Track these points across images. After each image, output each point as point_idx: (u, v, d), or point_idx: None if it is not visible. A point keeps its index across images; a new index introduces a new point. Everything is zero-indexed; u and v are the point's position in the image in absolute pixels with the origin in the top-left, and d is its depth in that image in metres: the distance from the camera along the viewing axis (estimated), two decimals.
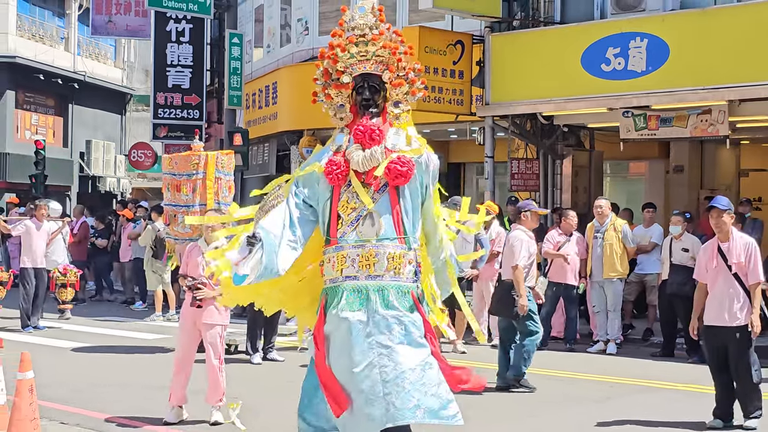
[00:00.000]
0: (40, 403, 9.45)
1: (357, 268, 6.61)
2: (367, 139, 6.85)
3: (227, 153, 14.70)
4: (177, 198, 14.17)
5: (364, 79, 6.99)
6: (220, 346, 10.19)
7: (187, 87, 28.54)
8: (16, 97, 37.51)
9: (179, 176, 14.24)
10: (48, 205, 19.05)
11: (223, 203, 13.98)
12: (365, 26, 6.94)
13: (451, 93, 18.47)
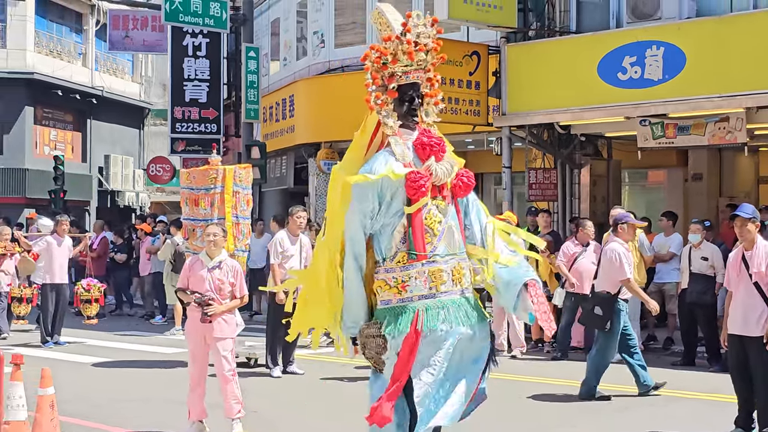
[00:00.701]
0: (61, 419, 9.49)
1: (452, 283, 6.58)
2: (439, 151, 6.85)
3: (245, 167, 14.70)
4: (195, 212, 14.17)
5: (412, 87, 6.95)
6: (231, 358, 10.19)
7: (205, 101, 28.64)
8: (35, 113, 37.66)
9: (197, 191, 14.25)
10: (39, 221, 19.15)
11: (241, 217, 14.00)
12: (427, 36, 6.92)
13: (467, 104, 18.47)
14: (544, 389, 12.97)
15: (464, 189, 6.84)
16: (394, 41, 6.87)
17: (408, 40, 6.85)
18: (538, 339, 16.62)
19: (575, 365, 14.85)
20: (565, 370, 14.45)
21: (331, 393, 12.79)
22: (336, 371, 14.10)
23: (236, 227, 13.97)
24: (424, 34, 6.89)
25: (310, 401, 12.27)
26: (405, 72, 6.92)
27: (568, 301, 15.52)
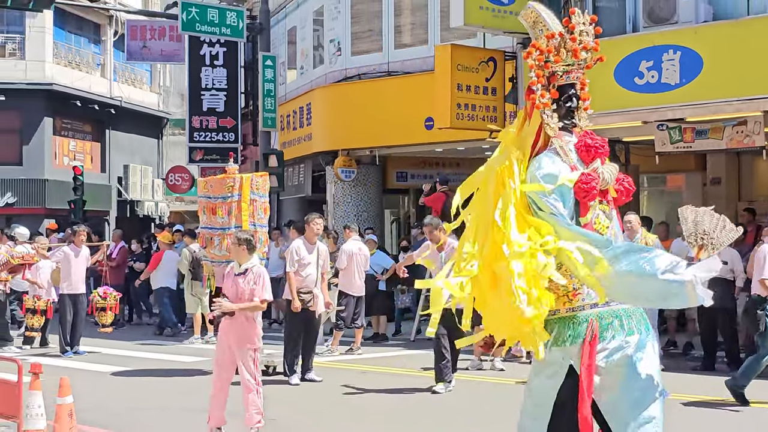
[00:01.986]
0: (80, 428, 9.52)
1: None
2: (603, 153, 6.50)
3: (262, 175, 14.72)
4: (213, 221, 14.19)
5: (572, 87, 6.66)
6: (254, 368, 10.18)
7: (222, 110, 28.73)
8: (54, 124, 37.84)
9: (215, 199, 14.27)
10: (15, 230, 19.22)
11: (258, 225, 14.01)
12: (588, 34, 6.61)
13: (484, 110, 18.46)
14: None
15: (626, 195, 6.44)
16: (557, 38, 6.53)
17: (573, 37, 6.55)
18: None
19: None
20: None
21: (349, 400, 12.77)
22: (354, 379, 14.10)
23: (254, 235, 13.97)
24: (585, 33, 6.60)
25: (329, 408, 12.26)
26: (566, 71, 6.60)
27: None
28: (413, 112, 20.88)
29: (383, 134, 22.03)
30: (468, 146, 21.82)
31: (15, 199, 36.04)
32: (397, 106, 21.48)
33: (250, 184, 13.99)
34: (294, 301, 13.69)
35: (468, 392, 13.26)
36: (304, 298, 13.85)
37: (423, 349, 17.47)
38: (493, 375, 14.54)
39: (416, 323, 18.91)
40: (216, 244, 14.30)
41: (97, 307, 17.67)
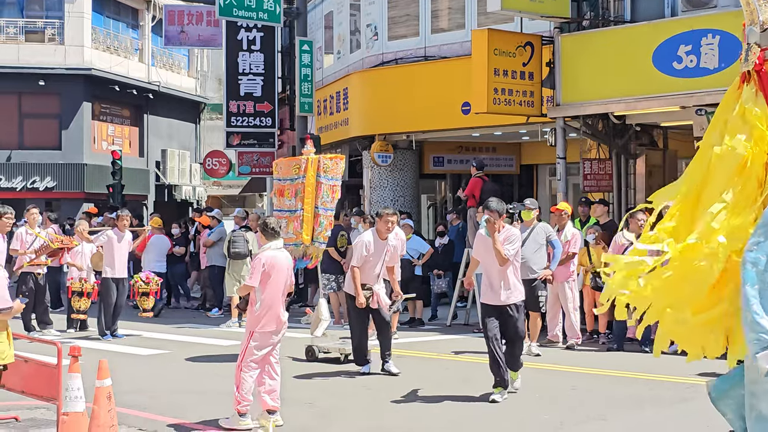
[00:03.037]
0: (119, 410, 9.60)
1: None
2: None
3: (332, 157, 14.48)
4: (281, 203, 14.17)
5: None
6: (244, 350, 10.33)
7: (259, 95, 28.73)
8: (93, 109, 38.12)
9: (283, 181, 14.23)
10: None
11: (322, 208, 13.91)
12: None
13: (521, 95, 18.39)
14: (598, 381, 12.92)
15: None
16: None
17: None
18: (594, 330, 16.54)
19: (630, 356, 14.78)
20: (620, 361, 14.37)
21: (383, 384, 12.78)
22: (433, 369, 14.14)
23: (316, 219, 13.91)
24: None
25: (362, 391, 12.29)
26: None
27: None
28: (450, 96, 20.86)
29: (420, 119, 22.02)
30: (505, 131, 21.78)
31: (54, 183, 36.35)
32: (433, 91, 21.46)
33: (316, 166, 13.89)
34: (359, 297, 13.14)
35: None
36: (365, 294, 13.22)
37: (459, 334, 17.52)
38: (529, 360, 14.53)
39: (452, 308, 18.93)
40: (283, 227, 14.24)
41: (139, 292, 17.76)
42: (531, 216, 15.15)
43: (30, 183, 36.25)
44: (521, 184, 25.59)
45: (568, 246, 15.77)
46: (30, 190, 36.03)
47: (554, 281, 15.66)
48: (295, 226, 14.05)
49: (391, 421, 10.51)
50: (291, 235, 14.10)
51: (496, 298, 11.56)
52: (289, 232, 14.04)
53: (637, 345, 15.36)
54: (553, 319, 16.01)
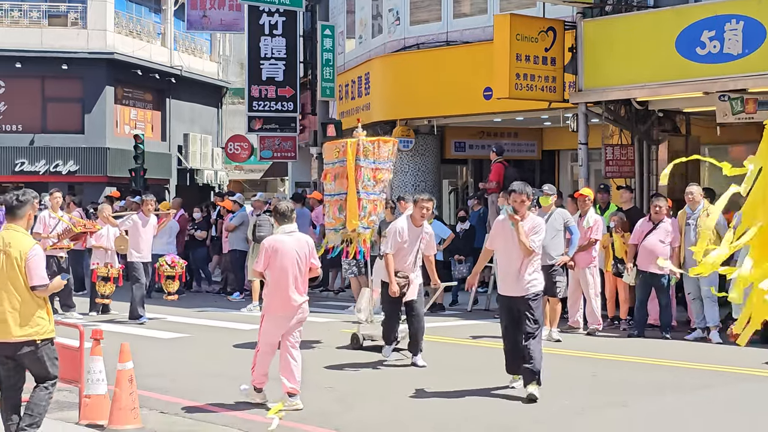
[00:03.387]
0: (140, 393, 9.67)
1: None
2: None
3: (375, 140, 14.10)
4: (326, 188, 14.16)
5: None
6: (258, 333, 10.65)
7: (281, 79, 28.83)
8: (115, 93, 38.24)
9: (327, 165, 14.22)
10: None
11: (364, 192, 13.66)
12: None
13: (543, 80, 18.33)
14: (618, 367, 12.90)
15: None
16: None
17: None
18: (614, 316, 16.51)
19: (651, 343, 14.75)
20: (641, 347, 14.35)
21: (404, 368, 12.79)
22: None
23: (358, 203, 13.60)
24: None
25: (383, 376, 12.31)
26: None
27: (638, 278, 15.43)
28: (472, 82, 20.81)
29: (441, 104, 21.99)
30: (527, 116, 21.72)
31: (77, 167, 36.51)
32: (455, 76, 21.41)
33: (355, 150, 13.69)
34: (392, 285, 12.69)
35: None
36: (399, 282, 12.75)
37: (479, 319, 17.53)
38: (549, 345, 14.52)
39: (473, 294, 18.93)
40: (327, 211, 14.22)
41: (165, 275, 17.79)
42: (549, 202, 15.18)
43: (53, 167, 36.42)
44: (543, 169, 25.51)
45: (590, 232, 15.73)
46: (53, 173, 36.20)
47: (576, 267, 15.67)
48: (334, 211, 13.97)
49: (407, 407, 10.51)
50: (330, 220, 14.03)
51: (514, 289, 10.94)
52: (330, 217, 13.96)
53: (658, 331, 15.34)
54: (574, 305, 15.99)
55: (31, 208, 8.57)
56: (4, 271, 8.12)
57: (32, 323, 8.10)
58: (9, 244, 8.17)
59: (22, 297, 8.10)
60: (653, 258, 15.08)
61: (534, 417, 10.01)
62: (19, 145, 36.55)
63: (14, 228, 8.35)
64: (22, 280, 8.12)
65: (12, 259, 8.13)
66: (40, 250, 8.32)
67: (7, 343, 8.10)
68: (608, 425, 9.70)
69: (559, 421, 9.88)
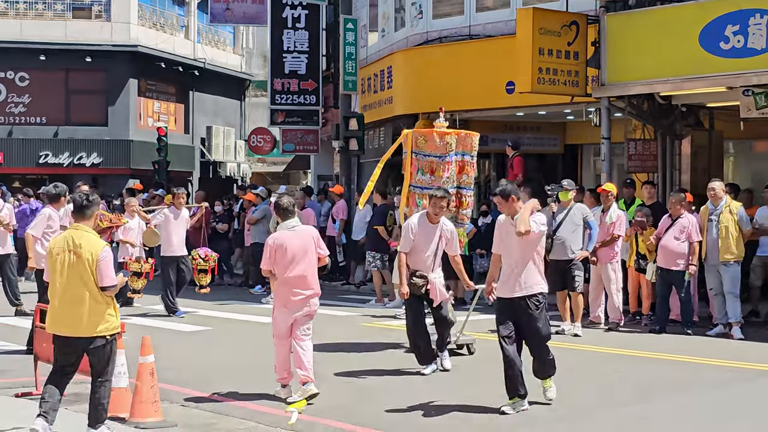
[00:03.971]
0: (161, 386, 9.70)
1: None
2: None
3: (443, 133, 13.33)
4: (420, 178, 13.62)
5: None
6: None
7: (304, 72, 28.87)
8: (139, 86, 38.33)
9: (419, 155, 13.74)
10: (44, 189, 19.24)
11: (417, 187, 13.11)
12: None
13: (566, 74, 18.27)
14: (640, 363, 12.87)
15: None
16: None
17: None
18: (636, 312, 16.47)
19: (672, 338, 14.71)
20: (662, 343, 14.30)
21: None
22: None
23: (411, 198, 13.13)
24: None
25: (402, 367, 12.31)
26: None
27: (657, 274, 15.38)
28: (494, 75, 20.76)
29: (464, 98, 21.93)
30: (549, 111, 21.67)
31: (101, 159, 36.65)
32: (478, 69, 21.36)
33: (411, 141, 13.18)
34: (402, 286, 11.95)
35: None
36: (416, 281, 11.88)
37: None
38: (569, 340, 14.51)
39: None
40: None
41: (198, 269, 17.73)
42: (568, 197, 15.19)
43: (77, 159, 36.55)
44: (565, 164, 25.44)
45: (612, 228, 15.70)
46: (76, 166, 36.33)
47: (597, 263, 15.65)
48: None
49: (426, 401, 10.49)
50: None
51: (511, 289, 10.16)
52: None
53: (680, 327, 15.29)
54: (595, 300, 15.97)
55: (98, 208, 8.91)
56: (76, 270, 8.51)
57: (103, 320, 8.53)
58: (80, 245, 8.54)
59: (93, 295, 8.49)
60: (669, 254, 15.07)
61: (554, 412, 9.99)
62: (43, 138, 36.71)
63: (83, 228, 8.70)
64: (93, 279, 8.49)
65: (83, 260, 8.49)
66: (110, 252, 8.69)
67: (81, 338, 8.53)
68: (629, 421, 9.68)
69: (579, 416, 9.86)
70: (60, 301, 8.61)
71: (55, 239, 8.98)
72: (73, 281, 8.51)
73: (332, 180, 29.94)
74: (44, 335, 10.60)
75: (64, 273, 8.56)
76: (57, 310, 8.65)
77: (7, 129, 36.81)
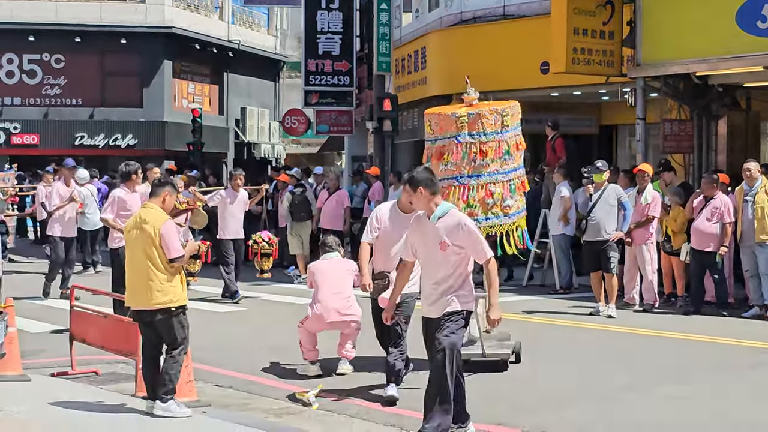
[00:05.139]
0: (195, 366, 9.76)
1: None
2: None
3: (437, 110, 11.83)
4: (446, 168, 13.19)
5: None
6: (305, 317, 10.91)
7: (338, 53, 28.86)
8: (173, 67, 38.47)
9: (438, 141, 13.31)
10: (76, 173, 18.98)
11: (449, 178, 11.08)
12: None
13: (601, 54, 18.18)
14: (674, 344, 12.81)
15: None
16: None
17: None
18: (671, 293, 16.37)
19: (707, 320, 14.61)
20: (697, 324, 14.21)
21: None
22: None
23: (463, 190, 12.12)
24: None
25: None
26: None
27: (691, 256, 15.26)
28: (529, 56, 20.66)
29: (498, 78, 21.82)
30: (584, 91, 21.54)
31: (136, 140, 36.84)
32: (512, 50, 21.27)
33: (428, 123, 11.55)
34: (363, 277, 10.00)
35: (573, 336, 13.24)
36: (378, 283, 9.85)
37: (534, 295, 17.46)
38: (601, 321, 14.46)
39: (528, 269, 18.84)
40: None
41: (262, 252, 17.49)
42: (603, 178, 15.17)
43: (112, 140, 36.78)
44: (600, 144, 25.31)
45: (647, 209, 15.60)
46: (112, 147, 36.58)
47: (633, 243, 15.58)
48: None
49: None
50: None
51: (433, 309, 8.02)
52: None
53: (715, 308, 15.18)
54: (630, 281, 15.88)
55: (168, 189, 9.25)
56: (141, 245, 8.90)
57: (167, 291, 8.83)
58: (145, 221, 8.94)
59: (157, 268, 8.83)
60: (702, 236, 14.96)
61: (588, 394, 9.97)
62: (79, 119, 36.94)
63: (150, 206, 9.15)
64: (156, 252, 8.84)
65: (147, 234, 8.87)
66: (171, 224, 9.05)
67: (146, 310, 8.88)
68: (663, 403, 9.63)
69: (613, 398, 9.83)
70: (130, 276, 9.08)
71: (130, 218, 9.52)
72: (139, 256, 8.91)
73: (366, 161, 29.92)
74: (80, 315, 10.72)
75: (133, 248, 9.02)
76: (129, 284, 9.12)
77: (43, 111, 37.10)
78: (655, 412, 9.24)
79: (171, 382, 8.83)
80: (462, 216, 8.21)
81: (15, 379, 10.00)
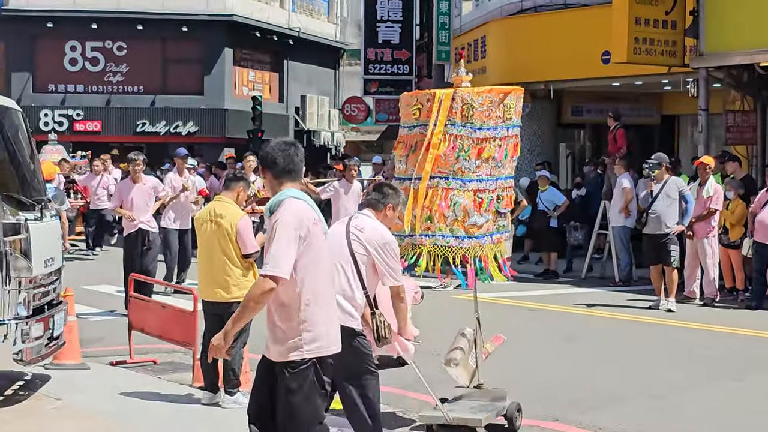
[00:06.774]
0: (251, 357, 9.79)
1: None
2: None
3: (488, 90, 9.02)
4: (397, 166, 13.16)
5: None
6: None
7: (397, 42, 28.84)
8: (234, 55, 38.64)
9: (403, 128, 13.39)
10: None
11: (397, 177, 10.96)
12: None
13: (663, 44, 17.98)
14: (734, 340, 12.65)
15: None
16: None
17: None
18: (732, 287, 16.17)
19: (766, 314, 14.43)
20: (758, 319, 14.02)
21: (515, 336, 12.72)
22: (521, 315, 14.02)
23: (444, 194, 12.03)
24: None
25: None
26: None
27: (753, 249, 15.06)
28: (590, 45, 20.48)
29: (559, 68, 21.70)
30: (646, 81, 21.34)
31: (196, 128, 37.09)
32: (573, 39, 21.10)
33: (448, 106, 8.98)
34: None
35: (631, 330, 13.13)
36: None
37: (594, 287, 17.34)
38: (661, 315, 14.32)
39: (587, 260, 18.72)
40: None
41: None
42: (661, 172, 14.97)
43: (173, 127, 37.05)
44: (662, 135, 25.07)
45: (709, 202, 15.40)
46: (173, 134, 36.84)
47: (694, 237, 15.40)
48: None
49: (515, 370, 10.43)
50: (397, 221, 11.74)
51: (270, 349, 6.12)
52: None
53: None
54: (691, 275, 15.71)
55: (243, 184, 9.38)
56: (216, 238, 9.02)
57: (242, 286, 8.81)
58: (220, 215, 9.07)
59: (232, 262, 8.97)
60: (765, 229, 14.75)
61: (645, 388, 9.88)
62: (140, 106, 37.25)
63: (224, 200, 9.29)
64: (232, 247, 8.96)
65: (223, 229, 8.99)
66: (247, 220, 9.23)
67: (221, 303, 8.94)
68: (722, 399, 9.53)
69: (671, 393, 9.74)
70: (203, 268, 9.19)
71: (201, 210, 9.83)
72: (213, 249, 9.02)
73: None
74: (138, 304, 10.82)
75: (206, 241, 9.11)
76: (202, 276, 9.25)
77: (105, 98, 37.46)
78: (711, 410, 9.14)
79: (236, 377, 8.97)
80: None
81: (74, 368, 10.12)
